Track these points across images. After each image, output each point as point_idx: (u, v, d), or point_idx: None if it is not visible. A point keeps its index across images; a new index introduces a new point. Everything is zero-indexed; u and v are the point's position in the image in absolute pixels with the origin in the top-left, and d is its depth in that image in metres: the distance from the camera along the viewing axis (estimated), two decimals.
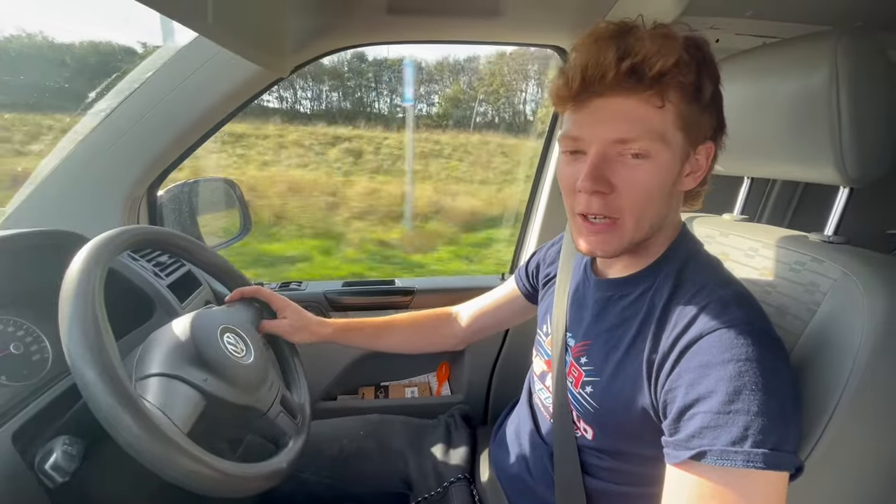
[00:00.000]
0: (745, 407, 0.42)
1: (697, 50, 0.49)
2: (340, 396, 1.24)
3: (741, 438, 0.41)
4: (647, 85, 0.47)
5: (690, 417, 0.45)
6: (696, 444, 0.43)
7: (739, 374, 0.43)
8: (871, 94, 0.55)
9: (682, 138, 0.50)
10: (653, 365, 0.51)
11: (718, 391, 0.43)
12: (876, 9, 0.86)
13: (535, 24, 0.95)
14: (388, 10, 0.87)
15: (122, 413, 0.43)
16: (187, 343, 0.57)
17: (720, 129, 0.54)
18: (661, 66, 0.45)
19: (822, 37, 0.57)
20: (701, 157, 0.52)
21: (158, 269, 0.89)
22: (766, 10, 0.89)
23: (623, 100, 0.48)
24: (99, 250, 0.53)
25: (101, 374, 0.43)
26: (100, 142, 0.90)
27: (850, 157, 0.57)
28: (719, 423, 0.43)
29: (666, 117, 0.48)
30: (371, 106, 10.38)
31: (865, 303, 0.50)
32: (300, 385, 0.78)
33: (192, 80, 0.89)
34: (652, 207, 0.52)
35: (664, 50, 0.45)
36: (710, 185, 0.59)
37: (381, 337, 0.89)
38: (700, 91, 0.49)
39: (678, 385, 0.47)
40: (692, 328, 0.48)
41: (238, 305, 0.75)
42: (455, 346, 0.93)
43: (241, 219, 1.18)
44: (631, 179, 0.50)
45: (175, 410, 0.49)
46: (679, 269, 0.55)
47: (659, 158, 0.49)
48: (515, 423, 0.76)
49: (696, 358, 0.46)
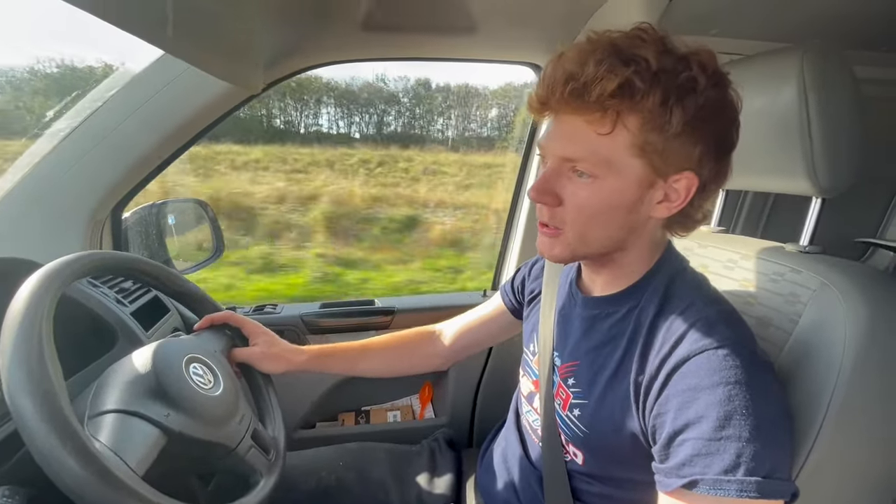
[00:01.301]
0: (736, 433, 0.41)
1: (670, 73, 0.44)
2: (319, 424, 1.19)
3: (734, 466, 0.40)
4: (592, 108, 0.45)
5: (681, 444, 0.44)
6: (687, 473, 0.42)
7: (729, 398, 0.42)
8: (838, 106, 0.57)
9: (641, 166, 0.47)
10: (640, 387, 0.50)
11: (709, 416, 0.42)
12: (832, 27, 0.90)
13: (510, 41, 0.96)
14: (362, 27, 0.86)
15: (66, 455, 0.38)
16: (148, 375, 0.53)
17: (710, 158, 0.48)
18: (600, 90, 0.44)
19: (788, 52, 0.59)
20: (679, 186, 0.48)
21: (122, 296, 0.84)
22: (731, 29, 0.93)
23: (573, 119, 0.48)
24: (49, 278, 0.49)
25: (42, 411, 0.39)
26: (59, 163, 0.86)
27: (821, 169, 0.58)
28: (711, 451, 0.41)
29: (616, 143, 0.46)
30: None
31: (846, 312, 0.50)
32: (274, 416, 0.73)
33: (159, 97, 0.86)
34: (596, 226, 0.51)
35: (606, 75, 0.43)
36: (705, 216, 0.56)
37: (359, 361, 0.84)
38: (666, 119, 0.45)
39: (667, 409, 0.46)
40: (679, 349, 0.47)
41: (207, 333, 0.71)
42: (439, 366, 0.89)
43: (213, 240, 1.14)
44: (575, 196, 0.50)
45: (130, 451, 0.45)
46: (665, 286, 0.54)
47: (605, 181, 0.48)
48: (502, 446, 0.74)
49: (685, 381, 0.45)
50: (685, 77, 0.45)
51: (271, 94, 7.59)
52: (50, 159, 0.85)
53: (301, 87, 10.01)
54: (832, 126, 0.56)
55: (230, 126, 6.95)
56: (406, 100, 10.92)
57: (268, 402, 0.75)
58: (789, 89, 0.58)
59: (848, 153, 0.58)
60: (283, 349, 0.77)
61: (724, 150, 0.50)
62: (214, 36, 0.54)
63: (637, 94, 0.44)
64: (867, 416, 0.50)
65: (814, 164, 0.58)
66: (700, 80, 0.45)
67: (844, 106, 0.57)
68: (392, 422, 1.21)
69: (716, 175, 0.50)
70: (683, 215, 0.52)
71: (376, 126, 10.80)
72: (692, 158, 0.47)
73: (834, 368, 0.49)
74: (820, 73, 0.56)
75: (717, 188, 0.52)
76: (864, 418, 0.49)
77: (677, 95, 0.44)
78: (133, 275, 0.66)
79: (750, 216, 1.22)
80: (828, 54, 0.57)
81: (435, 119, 11.15)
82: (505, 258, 1.29)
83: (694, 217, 0.54)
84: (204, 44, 0.52)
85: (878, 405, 0.50)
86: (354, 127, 10.71)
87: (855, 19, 0.87)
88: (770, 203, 1.21)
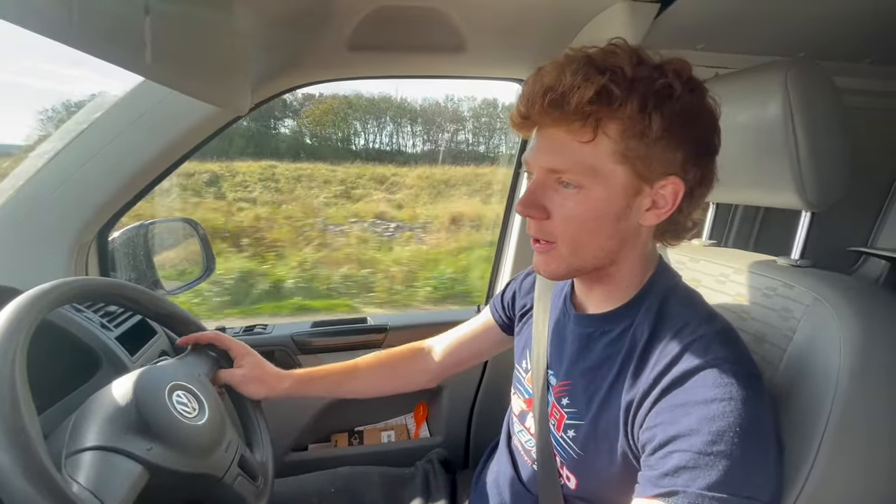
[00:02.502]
0: (726, 450, 0.41)
1: (646, 81, 0.45)
2: (312, 446, 1.17)
3: (718, 484, 0.40)
4: (572, 117, 0.46)
5: (668, 454, 0.43)
6: (669, 483, 0.42)
7: (723, 414, 0.42)
8: (823, 121, 0.57)
9: (624, 172, 0.48)
10: (631, 405, 0.49)
11: (700, 431, 0.42)
12: (817, 40, 0.91)
13: (498, 58, 0.97)
14: (349, 47, 0.87)
15: (42, 501, 0.37)
16: (129, 407, 0.51)
17: (694, 163, 0.49)
18: (577, 99, 0.44)
19: (773, 67, 0.60)
20: (666, 192, 0.49)
21: (107, 320, 0.82)
22: (717, 44, 0.94)
23: (555, 131, 0.48)
24: (24, 311, 0.48)
25: (16, 456, 0.37)
26: (44, 185, 0.85)
27: (809, 184, 0.58)
28: (698, 465, 0.41)
29: (599, 151, 0.47)
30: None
31: (839, 329, 0.50)
32: (262, 440, 0.71)
33: (145, 119, 0.85)
34: (587, 237, 0.51)
35: (583, 84, 0.44)
36: (695, 223, 0.56)
37: (347, 382, 0.82)
38: (646, 125, 0.45)
39: (658, 423, 0.45)
40: (675, 368, 0.47)
41: (192, 357, 0.70)
42: (428, 382, 0.87)
43: (203, 259, 1.13)
44: (563, 208, 0.50)
45: (110, 491, 0.44)
46: (659, 304, 0.53)
47: (592, 190, 0.48)
48: (495, 469, 0.72)
49: (678, 397, 0.45)
50: (661, 84, 0.46)
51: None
52: (35, 181, 0.84)
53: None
54: (818, 141, 0.57)
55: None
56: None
57: (255, 426, 0.73)
58: (774, 104, 0.59)
59: (835, 167, 0.58)
60: (267, 372, 0.75)
61: (707, 153, 0.51)
62: (198, 60, 0.53)
63: (615, 101, 0.45)
64: (866, 434, 0.49)
65: (802, 179, 0.58)
66: (676, 87, 0.46)
67: (829, 120, 0.57)
68: (386, 442, 1.19)
69: (701, 180, 0.51)
70: (673, 223, 0.53)
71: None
72: (676, 163, 0.48)
73: (830, 386, 0.48)
74: (804, 89, 0.57)
75: (705, 194, 0.53)
76: (862, 436, 0.49)
77: (655, 102, 0.45)
78: (115, 300, 0.64)
79: (741, 229, 1.22)
80: (811, 69, 0.57)
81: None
82: (498, 273, 1.28)
83: (684, 225, 0.54)
84: (187, 68, 0.51)
85: (877, 422, 0.49)
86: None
87: (839, 32, 0.89)
88: (761, 215, 1.21)
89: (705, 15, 0.82)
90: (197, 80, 0.55)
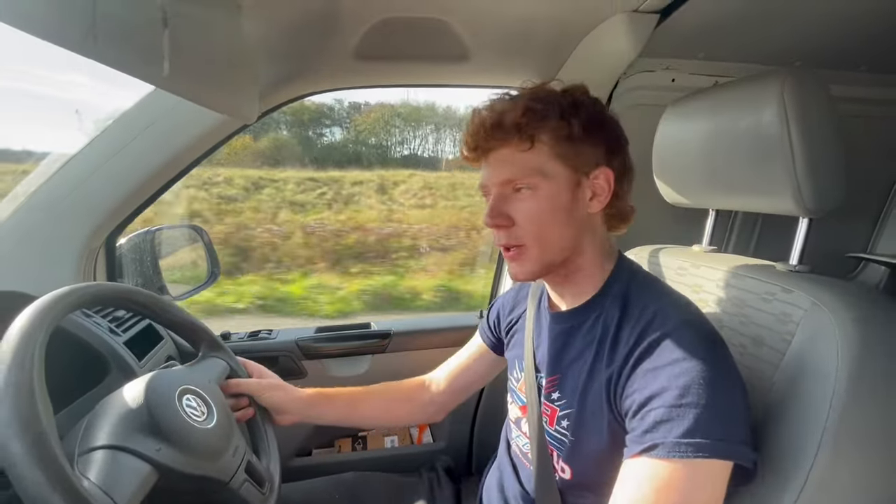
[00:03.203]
0: (694, 400, 0.46)
1: (557, 99, 0.57)
2: (316, 451, 1.17)
3: (692, 430, 0.44)
4: (511, 133, 0.56)
5: (646, 413, 0.48)
6: (649, 439, 0.46)
7: (688, 370, 0.47)
8: (819, 129, 0.58)
9: (563, 169, 0.57)
10: (611, 380, 0.54)
11: (670, 387, 0.47)
12: (813, 49, 0.93)
13: (499, 68, 0.99)
14: (355, 55, 0.88)
15: (52, 494, 0.38)
16: (139, 409, 0.52)
17: (613, 154, 0.59)
18: (512, 117, 0.56)
19: (769, 76, 0.61)
20: (600, 180, 0.58)
21: (115, 325, 0.83)
22: (716, 53, 0.95)
23: (501, 151, 0.58)
24: (41, 314, 0.49)
25: (30, 449, 0.38)
26: (55, 192, 0.86)
27: (807, 191, 0.59)
28: (672, 417, 0.46)
29: (540, 154, 0.57)
30: None
31: (837, 333, 0.51)
32: (269, 447, 0.72)
33: (155, 126, 0.87)
34: (549, 230, 0.58)
35: (512, 107, 0.57)
36: (633, 209, 0.64)
37: (357, 407, 0.82)
38: (569, 128, 0.56)
39: (635, 389, 0.51)
40: (643, 340, 0.52)
41: (203, 363, 0.70)
42: (435, 414, 0.87)
43: (208, 265, 1.14)
44: (523, 210, 0.58)
45: (120, 489, 0.44)
46: (624, 291, 0.59)
47: (543, 189, 0.57)
48: (497, 476, 0.73)
49: (649, 363, 0.51)
50: (569, 100, 0.58)
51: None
52: (45, 189, 0.86)
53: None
54: (814, 148, 0.58)
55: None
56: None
57: (262, 433, 0.74)
58: (771, 113, 0.60)
59: (831, 175, 0.59)
60: (284, 383, 0.77)
61: (621, 146, 0.61)
62: (211, 70, 0.55)
63: (538, 114, 0.56)
64: (863, 437, 0.49)
65: (799, 186, 0.59)
66: (581, 100, 0.58)
67: (825, 128, 0.58)
68: (390, 447, 1.19)
69: (624, 168, 0.61)
70: (615, 208, 0.61)
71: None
72: (600, 155, 0.59)
73: (828, 389, 0.49)
74: (799, 97, 0.58)
75: (631, 179, 0.62)
76: (860, 439, 0.49)
77: (570, 111, 0.57)
78: (126, 305, 0.65)
79: (741, 235, 1.23)
80: (807, 78, 0.59)
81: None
82: (500, 280, 1.29)
83: (623, 211, 0.63)
84: (200, 79, 0.53)
85: (874, 426, 0.49)
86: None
87: (836, 41, 0.90)
88: (760, 221, 1.22)
89: (704, 25, 0.84)
90: (208, 90, 0.56)
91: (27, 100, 7.82)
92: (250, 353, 1.01)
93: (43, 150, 0.93)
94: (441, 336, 0.93)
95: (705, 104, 0.72)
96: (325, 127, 8.38)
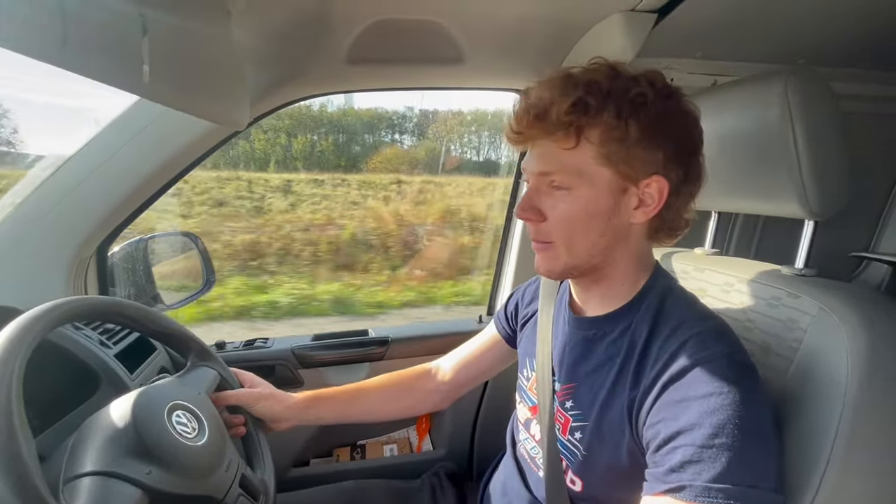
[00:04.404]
0: (728, 442, 0.42)
1: (621, 92, 0.50)
2: (313, 461, 1.15)
3: (723, 475, 0.41)
4: (555, 128, 0.51)
5: (672, 450, 0.45)
6: (676, 479, 0.43)
7: (721, 407, 0.44)
8: (823, 129, 0.57)
9: (609, 174, 0.52)
10: (634, 402, 0.51)
11: (702, 424, 0.44)
12: (811, 46, 0.92)
13: (495, 70, 0.97)
14: (347, 60, 0.87)
15: None
16: (126, 430, 0.50)
17: (676, 162, 0.53)
18: (557, 111, 0.50)
19: (772, 76, 0.59)
20: (651, 190, 0.52)
21: (105, 337, 0.81)
22: (714, 51, 0.94)
23: (543, 141, 0.54)
24: (26, 327, 0.47)
25: (12, 485, 0.37)
26: (43, 201, 0.84)
27: (812, 193, 0.58)
28: (702, 458, 0.43)
29: (584, 155, 0.51)
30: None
31: (846, 339, 0.50)
32: (263, 457, 0.70)
33: (146, 133, 0.85)
34: (580, 234, 0.54)
35: (560, 98, 0.50)
36: (687, 223, 0.58)
37: (355, 403, 0.80)
38: (623, 130, 0.50)
39: (660, 419, 0.47)
40: (673, 365, 0.48)
41: (192, 373, 0.69)
42: (439, 403, 0.85)
43: (203, 272, 1.12)
44: (555, 209, 0.54)
45: None
46: (657, 305, 0.55)
47: (579, 191, 0.52)
48: (502, 478, 0.71)
49: (678, 392, 0.47)
50: (635, 93, 0.50)
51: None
52: (34, 198, 0.84)
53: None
54: (819, 149, 0.56)
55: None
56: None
57: (256, 443, 0.72)
58: (774, 113, 0.58)
59: (836, 176, 0.58)
60: (276, 392, 0.75)
61: (688, 153, 0.54)
62: (196, 77, 0.53)
63: (590, 110, 0.50)
64: (875, 442, 0.48)
65: (804, 188, 0.58)
66: (649, 94, 0.50)
67: (830, 128, 0.57)
68: (389, 456, 1.17)
69: (686, 177, 0.54)
70: (663, 220, 0.55)
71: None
72: (657, 163, 0.52)
73: (839, 395, 0.48)
74: (804, 97, 0.57)
75: (692, 191, 0.56)
76: (872, 444, 0.48)
77: (630, 109, 0.50)
78: (113, 319, 0.64)
79: (742, 237, 1.21)
80: (811, 78, 0.57)
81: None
82: (499, 283, 1.27)
83: (676, 223, 0.57)
84: (185, 86, 0.51)
85: (886, 429, 0.48)
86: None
87: (833, 38, 0.89)
88: (761, 224, 1.21)
89: (702, 24, 0.83)
90: (195, 97, 0.55)
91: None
92: (246, 363, 1.00)
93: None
94: (440, 342, 0.91)
95: (707, 104, 0.71)
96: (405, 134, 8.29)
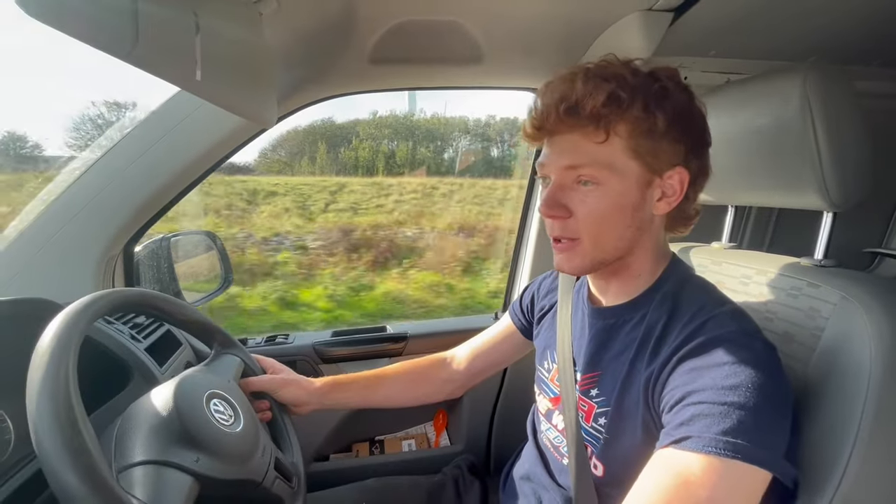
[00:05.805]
0: (741, 402, 0.42)
1: (645, 86, 0.51)
2: (333, 456, 1.17)
3: (734, 430, 0.41)
4: (586, 122, 0.51)
5: (684, 407, 0.45)
6: (684, 431, 0.43)
7: (736, 373, 0.44)
8: (844, 122, 0.58)
9: (637, 166, 0.52)
10: (651, 378, 0.52)
11: (715, 386, 0.44)
12: (825, 44, 0.93)
13: (513, 69, 0.99)
14: (370, 60, 0.89)
15: None
16: (171, 419, 0.52)
17: (694, 154, 0.55)
18: (592, 105, 0.50)
19: (790, 72, 0.61)
20: (673, 181, 0.54)
21: (136, 332, 0.83)
22: (728, 50, 0.95)
23: (569, 136, 0.53)
24: (74, 319, 0.49)
25: (82, 476, 0.38)
26: (74, 201, 0.87)
27: (832, 185, 0.59)
28: (713, 413, 0.43)
29: (613, 149, 0.51)
30: None
31: (869, 326, 0.50)
32: (291, 442, 0.73)
33: (174, 134, 0.87)
34: (609, 229, 0.54)
35: (594, 91, 0.50)
36: (697, 212, 0.60)
37: (376, 389, 0.83)
38: (652, 123, 0.51)
39: (676, 385, 0.48)
40: (691, 341, 0.49)
41: (219, 361, 0.71)
42: (453, 392, 0.88)
43: (222, 271, 1.15)
44: (584, 205, 0.54)
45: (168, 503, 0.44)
46: (675, 293, 0.56)
47: (609, 185, 0.52)
48: (524, 468, 0.72)
49: (695, 362, 0.48)
50: (657, 87, 0.52)
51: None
52: (64, 198, 0.86)
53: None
54: (840, 142, 0.57)
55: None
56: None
57: (283, 429, 0.74)
58: (793, 108, 0.60)
59: (857, 167, 0.59)
60: (300, 378, 0.77)
61: (703, 145, 0.56)
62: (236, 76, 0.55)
63: (623, 104, 0.50)
64: None
65: (824, 179, 0.59)
66: (670, 87, 0.52)
67: (850, 121, 0.58)
68: (407, 451, 1.18)
69: (700, 169, 0.56)
70: (681, 211, 0.57)
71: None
72: (680, 154, 0.53)
73: (863, 383, 0.48)
74: (824, 92, 0.58)
75: (703, 183, 0.58)
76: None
77: (656, 102, 0.51)
78: (149, 311, 0.66)
79: (756, 231, 1.22)
80: (830, 72, 0.58)
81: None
82: (515, 279, 1.29)
83: (689, 213, 0.59)
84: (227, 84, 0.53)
85: None
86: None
87: (849, 36, 0.90)
88: (775, 217, 1.22)
89: (717, 22, 0.84)
90: (234, 95, 0.57)
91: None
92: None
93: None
94: (457, 338, 0.93)
95: (724, 100, 0.72)
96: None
